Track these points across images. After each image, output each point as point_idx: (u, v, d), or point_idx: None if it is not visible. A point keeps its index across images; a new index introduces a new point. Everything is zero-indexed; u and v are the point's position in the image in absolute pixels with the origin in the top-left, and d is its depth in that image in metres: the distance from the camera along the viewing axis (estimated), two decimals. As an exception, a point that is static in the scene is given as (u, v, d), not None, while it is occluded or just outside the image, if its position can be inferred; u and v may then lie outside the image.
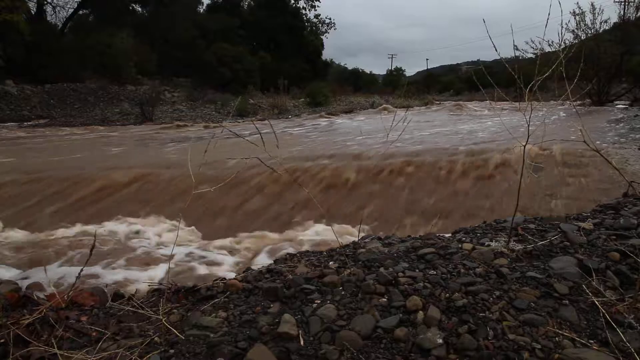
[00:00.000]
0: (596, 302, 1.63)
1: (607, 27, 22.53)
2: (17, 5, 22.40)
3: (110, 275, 4.10)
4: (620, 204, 2.85)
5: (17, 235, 5.45)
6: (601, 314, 1.57)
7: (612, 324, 1.51)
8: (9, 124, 19.57)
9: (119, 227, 5.63)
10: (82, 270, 1.84)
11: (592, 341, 1.47)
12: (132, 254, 4.77)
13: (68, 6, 32.77)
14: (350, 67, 55.44)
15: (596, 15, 21.81)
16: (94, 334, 1.65)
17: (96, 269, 4.18)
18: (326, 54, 49.25)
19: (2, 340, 1.54)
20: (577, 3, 21.79)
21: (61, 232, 5.49)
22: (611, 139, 8.44)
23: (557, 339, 1.47)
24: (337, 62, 56.71)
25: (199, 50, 31.59)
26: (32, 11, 28.89)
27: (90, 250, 1.83)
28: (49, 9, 31.77)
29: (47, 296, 2.02)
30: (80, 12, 34.04)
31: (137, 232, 5.47)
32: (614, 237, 2.18)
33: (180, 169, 7.33)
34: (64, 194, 6.73)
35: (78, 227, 5.64)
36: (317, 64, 42.81)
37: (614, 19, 24.73)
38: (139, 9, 37.02)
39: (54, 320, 1.68)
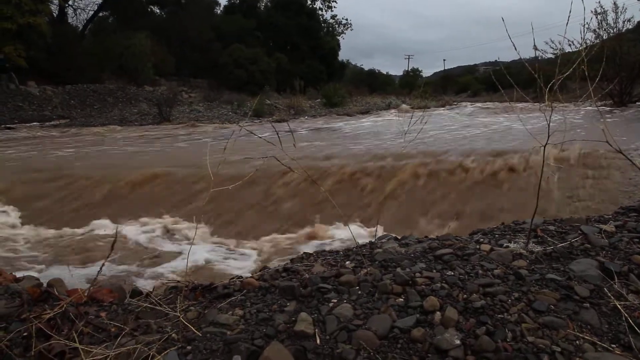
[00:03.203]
0: (618, 306, 1.59)
1: (630, 27, 22.06)
2: (40, 8, 22.91)
3: (129, 272, 4.16)
4: (644, 206, 2.78)
5: (39, 231, 5.56)
6: (624, 318, 1.54)
7: (635, 328, 1.48)
8: (32, 124, 19.99)
9: (137, 224, 5.70)
10: (102, 266, 1.86)
11: (614, 345, 1.44)
12: (150, 251, 4.84)
13: (88, 9, 33.49)
14: (366, 68, 55.25)
15: (619, 14, 21.39)
16: (113, 329, 1.67)
17: (115, 266, 4.24)
18: (342, 55, 49.03)
19: (25, 334, 1.57)
20: (599, 2, 21.36)
21: (82, 229, 5.59)
22: (634, 140, 8.27)
23: (577, 342, 1.44)
24: (353, 63, 56.60)
25: (215, 51, 31.86)
26: (54, 14, 29.51)
27: (111, 246, 1.86)
28: (70, 11, 32.49)
29: (68, 292, 2.05)
30: (100, 14, 34.68)
31: (156, 230, 5.53)
32: (637, 240, 2.13)
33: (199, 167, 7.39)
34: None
35: (98, 225, 5.73)
36: (333, 64, 42.77)
37: (638, 17, 24.20)
38: (157, 11, 37.56)
39: (74, 316, 1.71)
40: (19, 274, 2.36)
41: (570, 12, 2.21)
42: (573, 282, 1.73)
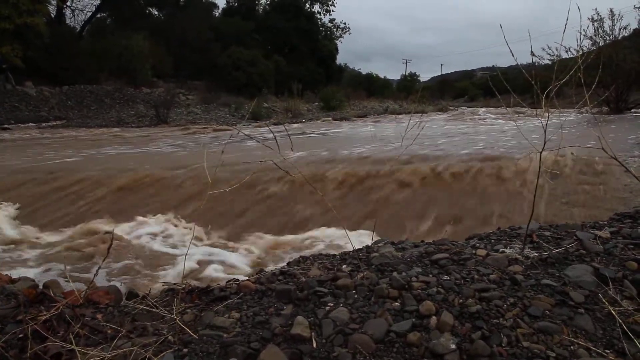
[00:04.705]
0: (613, 312, 1.60)
1: (626, 34, 22.17)
2: (38, 8, 22.88)
3: (125, 274, 4.14)
4: (639, 213, 2.80)
5: (36, 232, 5.54)
6: (618, 324, 1.55)
7: (629, 334, 1.49)
8: (28, 124, 19.92)
9: (134, 226, 5.69)
10: (99, 268, 1.86)
11: (608, 351, 1.45)
12: (147, 253, 4.82)
13: (87, 9, 33.52)
14: (364, 72, 55.28)
15: (615, 21, 21.51)
16: (109, 331, 1.67)
17: (111, 268, 4.23)
18: (340, 59, 49.10)
19: (21, 335, 1.57)
20: (596, 9, 21.46)
21: (79, 231, 5.57)
22: (629, 147, 8.32)
23: (572, 347, 1.45)
24: (351, 67, 56.73)
25: (214, 53, 31.86)
26: (52, 14, 29.49)
27: (108, 249, 1.85)
28: (68, 12, 32.49)
29: (64, 293, 2.05)
30: (98, 15, 34.67)
31: (152, 232, 5.52)
32: (632, 246, 2.14)
33: (195, 170, 7.39)
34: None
35: (94, 226, 5.72)
36: (331, 68, 42.85)
37: (634, 25, 24.24)
38: (156, 13, 37.58)
39: (70, 317, 1.70)
40: (14, 275, 2.36)
41: (567, 19, 2.22)
42: (568, 288, 1.74)
